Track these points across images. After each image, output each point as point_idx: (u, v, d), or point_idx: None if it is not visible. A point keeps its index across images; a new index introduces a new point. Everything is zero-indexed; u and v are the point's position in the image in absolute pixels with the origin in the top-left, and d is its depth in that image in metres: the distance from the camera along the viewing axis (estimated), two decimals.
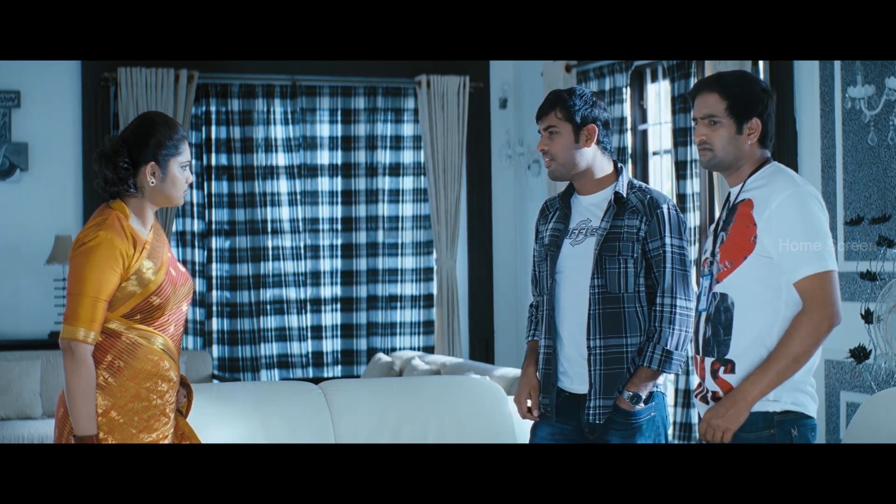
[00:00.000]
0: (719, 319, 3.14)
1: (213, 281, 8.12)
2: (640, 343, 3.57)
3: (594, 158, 3.65)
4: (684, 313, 3.57)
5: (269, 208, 8.20)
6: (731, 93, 3.16)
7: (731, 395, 3.08)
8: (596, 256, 3.58)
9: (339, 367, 8.46)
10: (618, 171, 3.69)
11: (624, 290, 3.57)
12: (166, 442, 3.30)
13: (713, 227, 3.28)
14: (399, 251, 8.53)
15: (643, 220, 3.58)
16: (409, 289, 8.56)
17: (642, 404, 3.56)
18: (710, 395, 3.17)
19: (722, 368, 3.13)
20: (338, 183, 8.41)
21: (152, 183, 3.27)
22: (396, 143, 8.50)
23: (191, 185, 3.41)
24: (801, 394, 3.11)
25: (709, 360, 3.16)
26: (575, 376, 3.64)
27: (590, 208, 3.68)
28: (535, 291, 3.83)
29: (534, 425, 3.78)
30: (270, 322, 8.25)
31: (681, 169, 6.52)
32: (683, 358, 3.59)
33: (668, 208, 3.60)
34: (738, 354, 3.11)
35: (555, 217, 3.75)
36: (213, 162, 8.12)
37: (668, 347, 3.53)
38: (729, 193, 3.25)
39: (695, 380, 7.03)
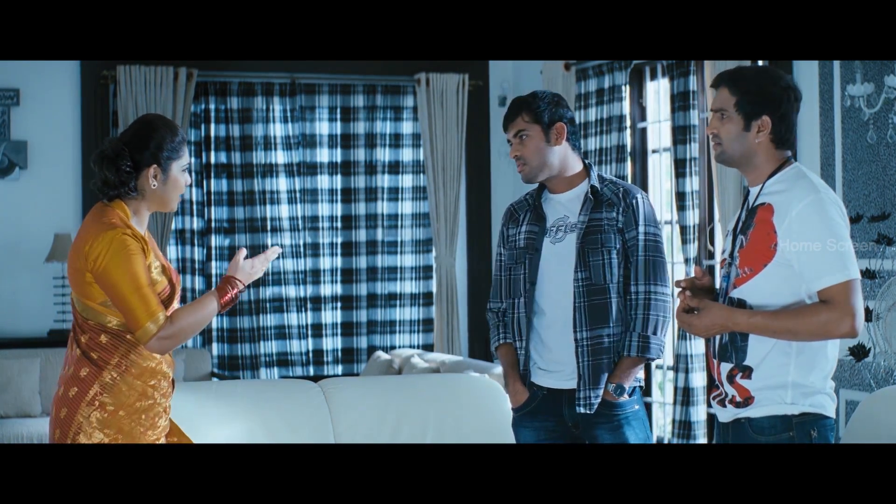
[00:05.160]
0: None
1: (213, 279, 8.11)
2: (618, 333, 3.61)
3: (565, 156, 3.69)
4: (659, 298, 3.61)
5: (268, 206, 8.19)
6: (743, 89, 3.12)
7: (724, 310, 3.05)
8: (578, 250, 3.61)
9: (339, 365, 8.46)
10: (587, 168, 3.73)
11: (609, 280, 3.61)
12: (162, 440, 3.31)
13: (731, 226, 3.21)
14: (398, 249, 8.53)
15: (619, 210, 3.64)
16: (408, 287, 8.56)
17: (626, 396, 3.60)
18: (727, 399, 3.15)
19: (740, 374, 3.10)
20: (337, 181, 8.40)
21: (154, 186, 3.25)
22: (396, 140, 8.49)
23: (189, 186, 3.39)
24: (821, 395, 3.07)
25: (726, 366, 3.12)
26: (558, 373, 3.66)
27: (565, 204, 3.71)
28: (500, 297, 3.79)
29: (515, 428, 3.78)
30: (270, 320, 8.25)
31: (680, 167, 6.53)
32: (662, 342, 3.64)
33: (641, 198, 3.68)
34: (756, 361, 3.07)
35: (526, 219, 3.75)
36: (213, 160, 8.11)
37: (645, 332, 3.59)
38: (747, 192, 3.20)
39: (694, 378, 6.97)
